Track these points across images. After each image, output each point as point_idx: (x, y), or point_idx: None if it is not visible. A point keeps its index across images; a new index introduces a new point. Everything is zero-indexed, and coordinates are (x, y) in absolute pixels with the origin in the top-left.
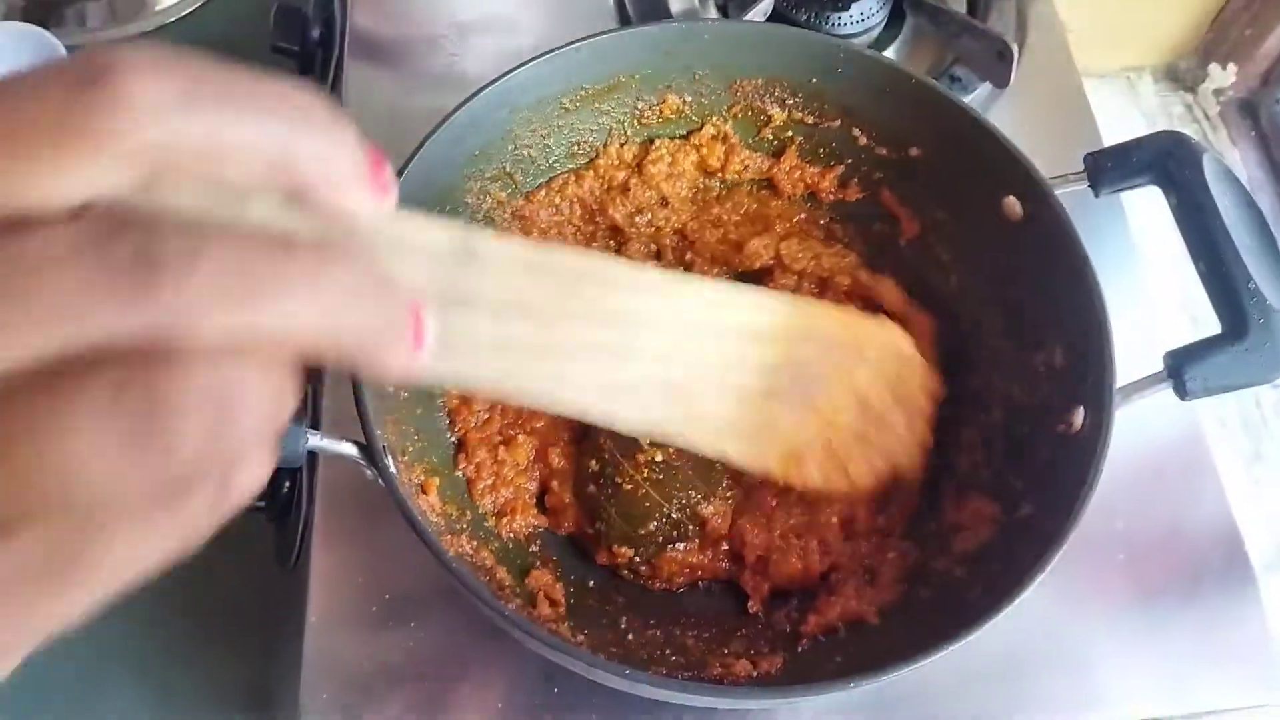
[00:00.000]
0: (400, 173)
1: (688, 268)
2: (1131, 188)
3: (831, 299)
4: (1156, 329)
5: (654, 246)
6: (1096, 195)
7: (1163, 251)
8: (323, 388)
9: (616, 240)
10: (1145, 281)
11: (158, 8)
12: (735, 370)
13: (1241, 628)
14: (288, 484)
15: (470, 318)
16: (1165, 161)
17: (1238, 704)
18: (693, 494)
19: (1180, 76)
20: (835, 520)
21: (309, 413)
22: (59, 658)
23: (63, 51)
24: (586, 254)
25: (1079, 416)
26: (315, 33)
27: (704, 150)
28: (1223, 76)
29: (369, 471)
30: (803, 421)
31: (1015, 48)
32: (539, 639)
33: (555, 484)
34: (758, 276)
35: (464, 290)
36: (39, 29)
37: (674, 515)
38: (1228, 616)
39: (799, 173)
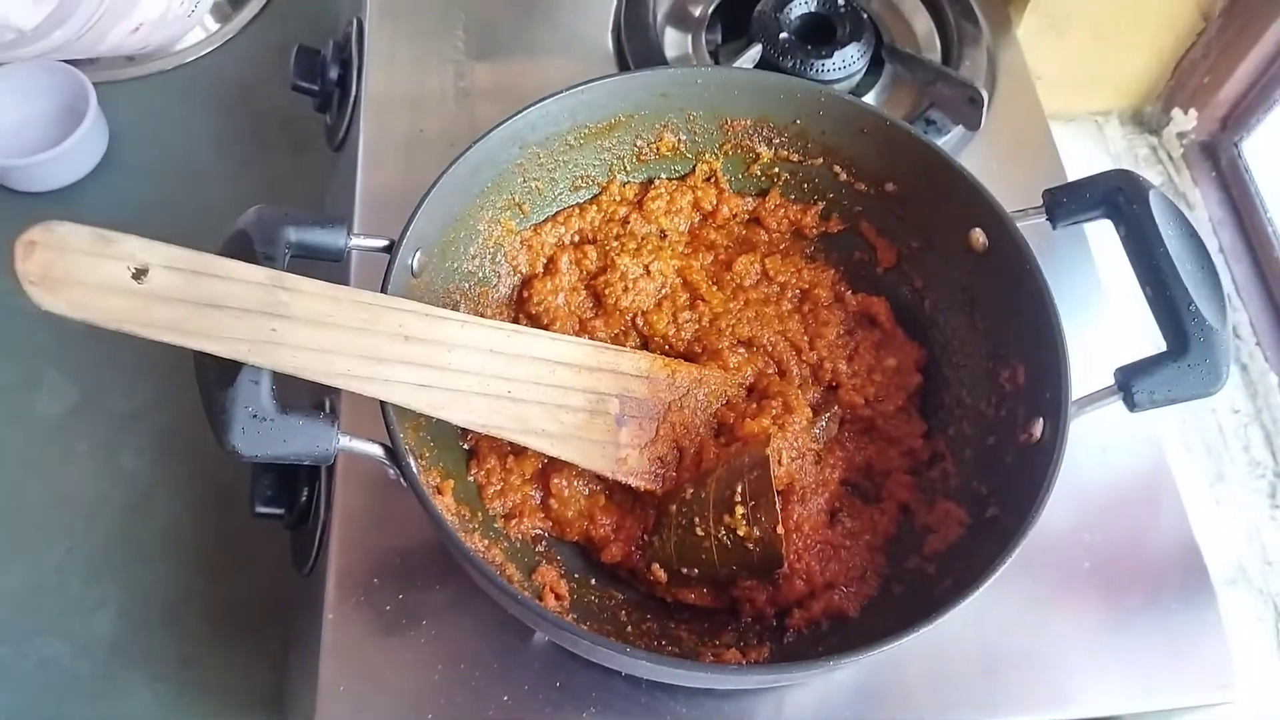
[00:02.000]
0: (421, 202)
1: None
2: (1086, 220)
3: (814, 310)
4: (1115, 349)
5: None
6: (1054, 227)
7: (1124, 279)
8: (340, 396)
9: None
10: (1105, 306)
11: (179, 47)
12: (556, 391)
13: (1199, 634)
14: (306, 491)
15: (292, 326)
16: (1115, 197)
17: (1195, 702)
18: (745, 575)
19: (1145, 121)
20: (832, 544)
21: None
22: (80, 657)
23: (91, 89)
24: (383, 295)
25: (1039, 427)
26: (334, 73)
27: (698, 192)
28: (1184, 121)
29: (392, 471)
30: (637, 434)
31: (985, 94)
32: (549, 621)
33: (555, 502)
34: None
35: (282, 309)
36: (69, 66)
37: (717, 578)
38: (1187, 623)
39: (783, 210)
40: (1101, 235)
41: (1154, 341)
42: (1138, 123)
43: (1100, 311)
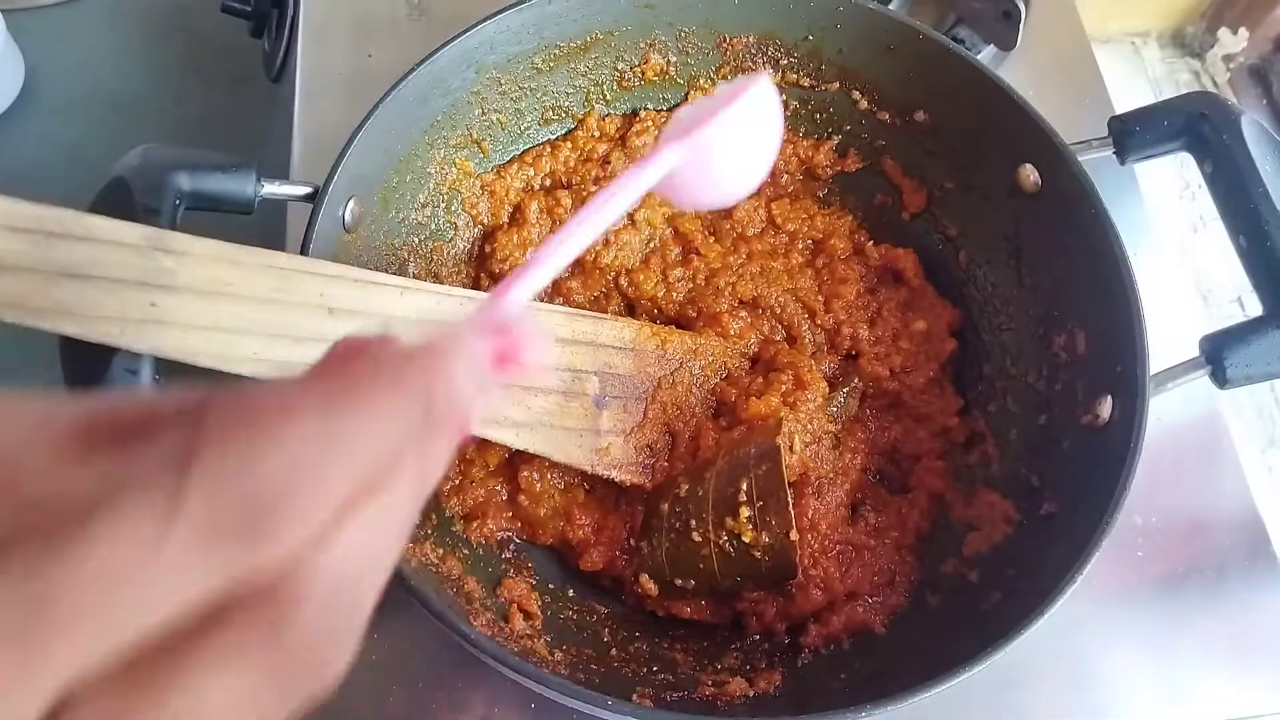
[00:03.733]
0: (352, 138)
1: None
2: (1161, 154)
3: (829, 264)
4: (1175, 311)
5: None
6: (1122, 163)
7: (1170, 219)
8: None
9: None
10: (1159, 251)
11: None
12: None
13: (1266, 625)
14: None
15: (178, 300)
16: (1199, 125)
17: (1260, 710)
18: (750, 585)
19: (1188, 42)
20: (854, 544)
21: None
22: None
23: None
24: (300, 258)
25: (1106, 407)
26: None
27: None
28: (1233, 42)
29: None
30: (621, 418)
31: (1023, 7)
32: (511, 667)
33: (525, 499)
34: None
35: (164, 278)
36: None
37: (718, 589)
38: (1252, 613)
39: (792, 146)
40: (1152, 173)
41: (1211, 302)
42: (1179, 44)
43: (1157, 266)
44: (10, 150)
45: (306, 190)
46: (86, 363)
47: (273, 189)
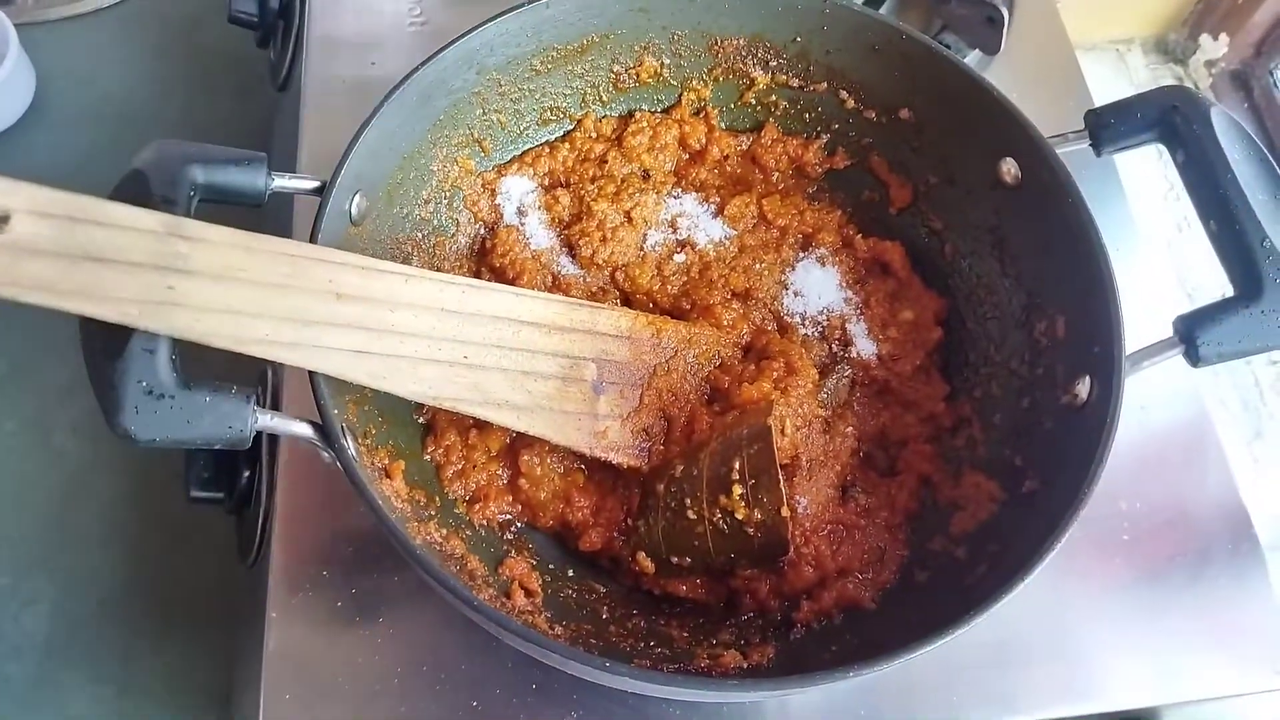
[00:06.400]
0: (358, 135)
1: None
2: (1135, 146)
3: (820, 257)
4: (1154, 298)
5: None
6: (1098, 154)
7: (1154, 220)
8: (283, 368)
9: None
10: (1142, 249)
11: None
12: (521, 356)
13: (1249, 609)
14: (247, 473)
15: (193, 283)
16: (1171, 117)
17: (1244, 689)
18: (744, 562)
19: (1170, 48)
20: (844, 524)
21: (264, 391)
22: (11, 658)
23: (10, 29)
24: (309, 246)
25: (1085, 387)
26: (275, 1)
27: (685, 127)
28: (1214, 48)
29: (326, 454)
30: (618, 403)
31: (1006, 12)
32: (512, 631)
33: (525, 482)
34: None
35: (180, 262)
36: None
37: (713, 567)
38: (1235, 597)
39: (782, 146)
40: (1132, 167)
41: (1194, 294)
42: (1162, 51)
43: (1136, 256)
44: (21, 159)
45: (315, 184)
46: (105, 343)
47: (283, 182)
